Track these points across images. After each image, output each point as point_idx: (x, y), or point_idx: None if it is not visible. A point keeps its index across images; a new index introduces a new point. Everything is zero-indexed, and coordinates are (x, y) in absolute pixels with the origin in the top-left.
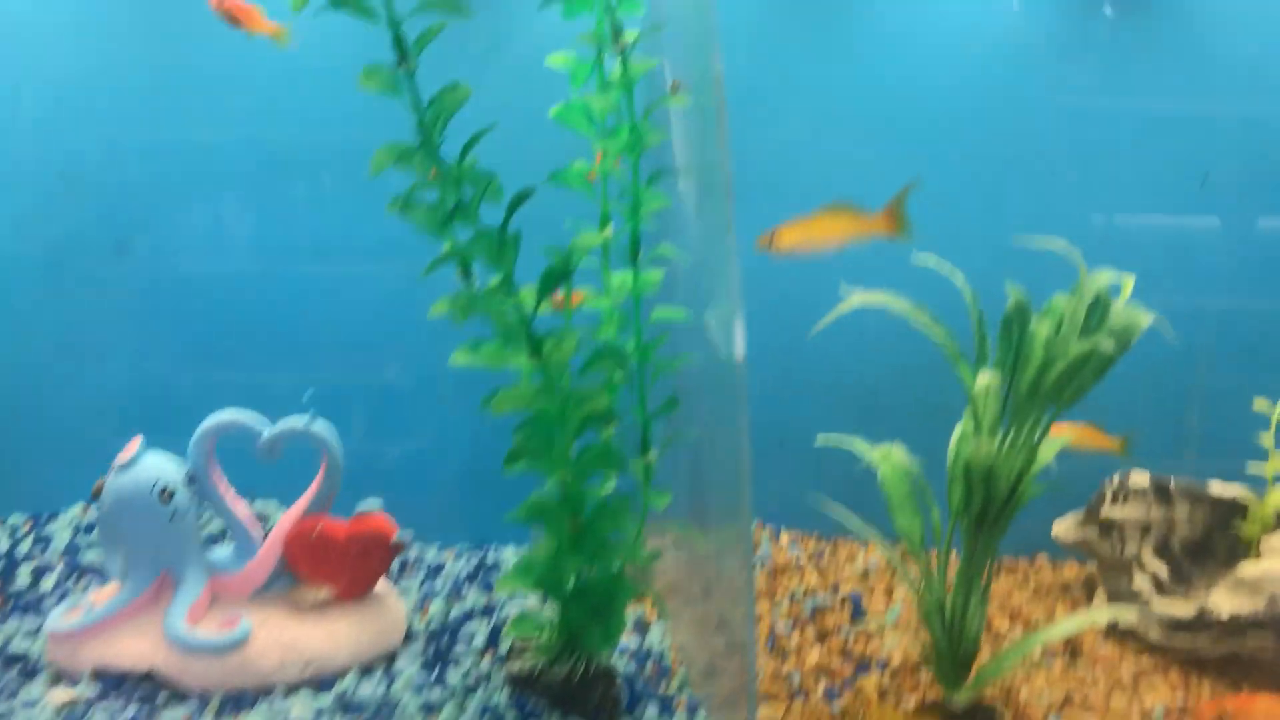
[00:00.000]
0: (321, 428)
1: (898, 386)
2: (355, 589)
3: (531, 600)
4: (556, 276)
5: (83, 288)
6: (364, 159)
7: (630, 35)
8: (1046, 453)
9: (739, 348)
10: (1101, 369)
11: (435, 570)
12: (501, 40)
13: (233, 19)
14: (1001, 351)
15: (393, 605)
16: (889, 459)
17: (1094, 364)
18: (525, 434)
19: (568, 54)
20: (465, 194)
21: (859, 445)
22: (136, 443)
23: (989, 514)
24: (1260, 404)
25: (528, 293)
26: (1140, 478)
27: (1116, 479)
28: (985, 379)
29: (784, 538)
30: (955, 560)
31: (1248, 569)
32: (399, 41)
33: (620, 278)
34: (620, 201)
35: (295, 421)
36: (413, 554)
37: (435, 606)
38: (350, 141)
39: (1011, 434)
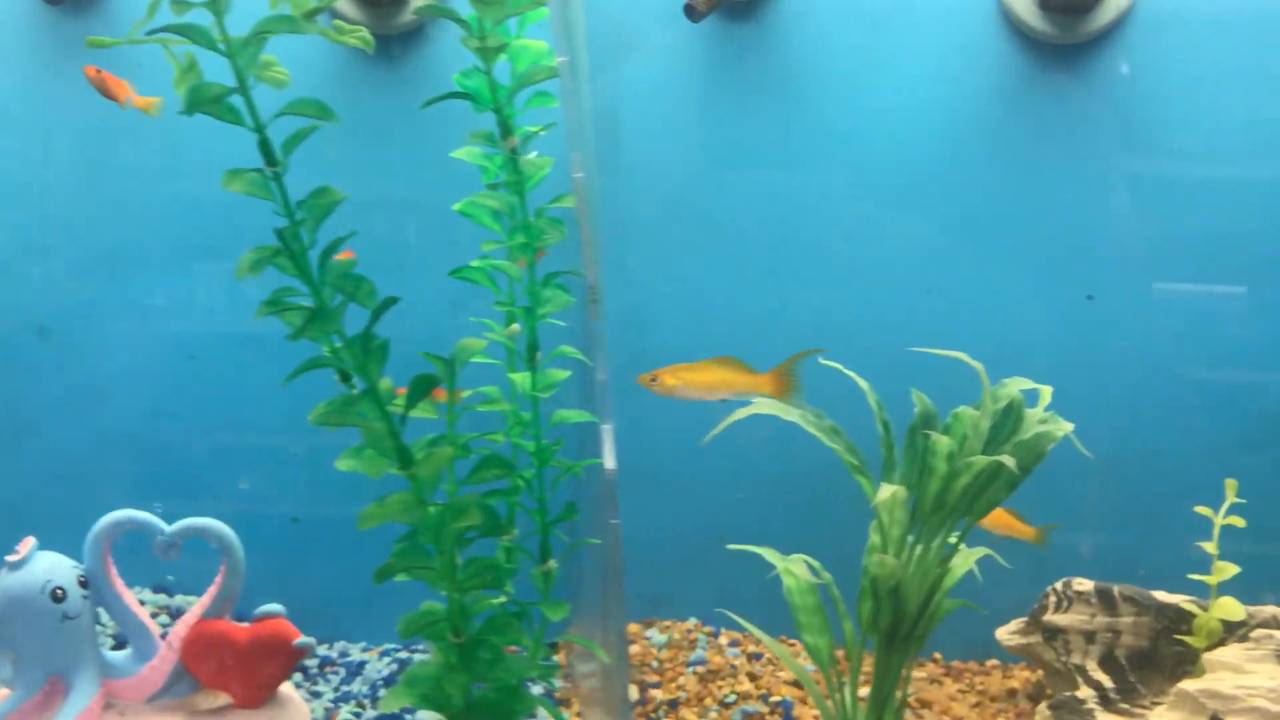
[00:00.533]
0: (221, 529)
1: (843, 483)
2: (255, 695)
3: None
4: (426, 385)
5: (3, 374)
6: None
7: (537, 129)
8: (961, 566)
9: (608, 457)
10: (1014, 482)
11: (356, 670)
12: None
13: (106, 91)
14: (906, 464)
15: (296, 712)
16: (791, 573)
17: (1005, 477)
18: (402, 546)
19: (474, 148)
20: (334, 299)
21: (769, 554)
22: (29, 543)
23: (899, 631)
24: (1203, 509)
25: (399, 402)
26: (1084, 583)
27: (1060, 584)
28: (887, 492)
29: (724, 638)
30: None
31: (1189, 684)
32: (265, 145)
33: (521, 378)
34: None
35: (193, 521)
36: (335, 653)
37: (345, 712)
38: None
39: (919, 549)
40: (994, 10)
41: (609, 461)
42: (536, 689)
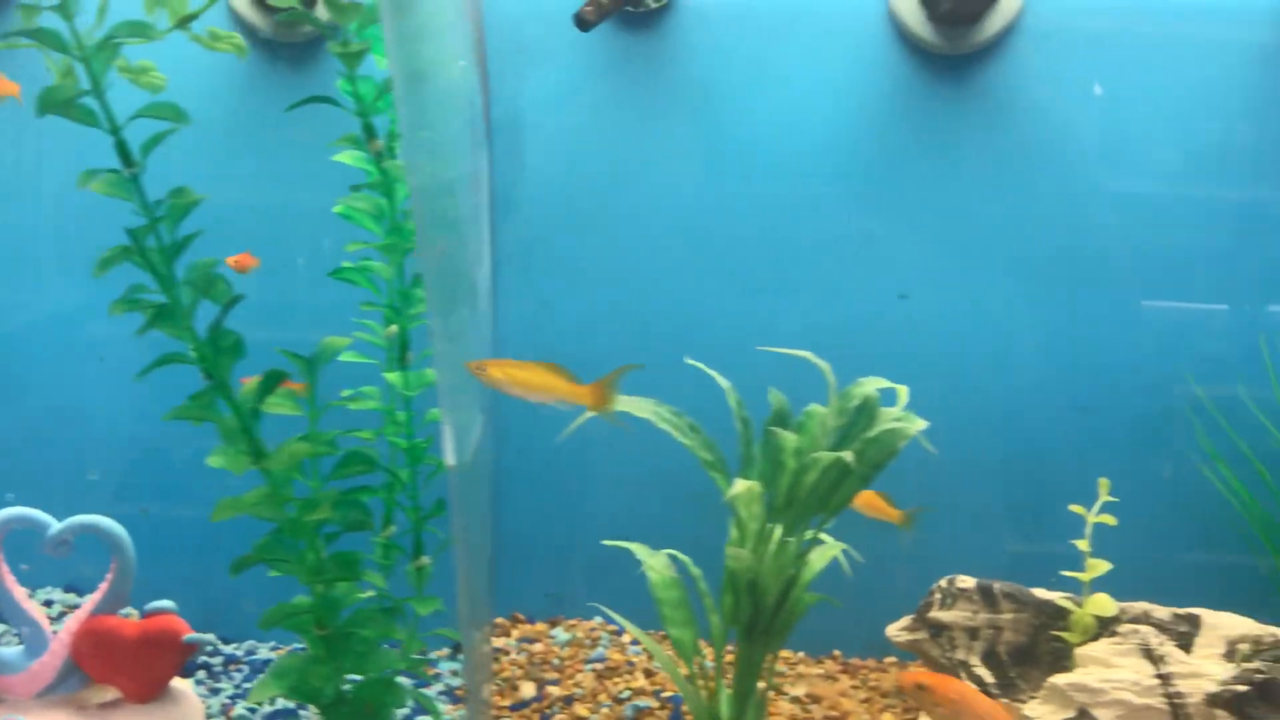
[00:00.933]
0: (112, 526)
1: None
2: (145, 690)
3: None
4: (275, 379)
5: None
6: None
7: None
8: (819, 561)
9: (449, 453)
10: (867, 477)
11: (260, 668)
12: None
13: None
14: (762, 460)
15: (189, 707)
16: (653, 567)
17: (858, 472)
18: (265, 540)
19: (357, 153)
20: (186, 296)
21: (638, 549)
22: None
23: (758, 624)
24: (1076, 508)
25: (249, 396)
26: (966, 580)
27: (945, 581)
28: (740, 487)
29: (626, 636)
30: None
31: (1059, 679)
32: (121, 147)
33: (394, 377)
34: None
35: (84, 518)
36: (242, 651)
37: (240, 708)
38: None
39: (775, 543)
40: (884, 21)
41: (449, 458)
42: (436, 688)
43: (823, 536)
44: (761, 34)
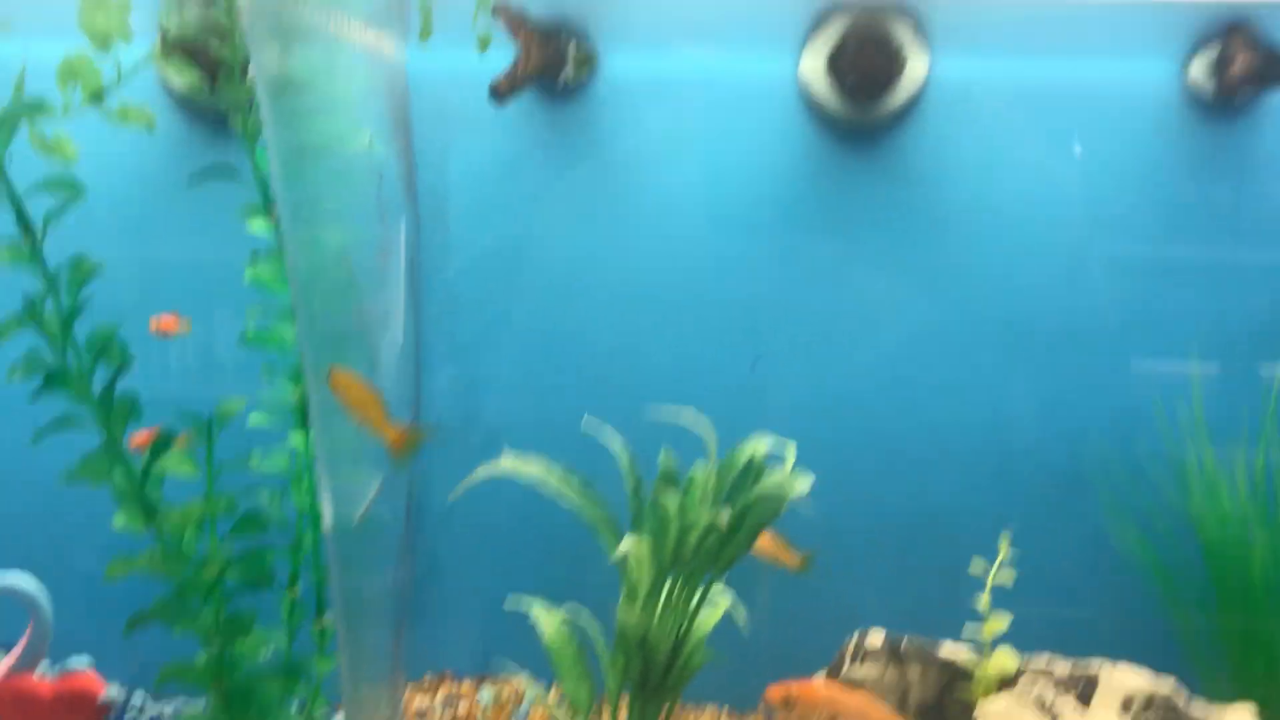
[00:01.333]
0: (28, 585)
1: None
2: None
3: None
4: (166, 441)
5: None
6: None
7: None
8: (710, 618)
9: (326, 515)
10: (753, 535)
11: None
12: None
13: None
14: (650, 519)
15: None
16: (546, 624)
17: (746, 531)
18: (164, 598)
19: (266, 220)
20: (80, 359)
21: (535, 607)
22: None
23: (650, 680)
24: (976, 566)
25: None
26: (876, 637)
27: (855, 637)
28: (626, 545)
29: (552, 695)
30: None
31: None
32: (21, 217)
33: (297, 438)
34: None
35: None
36: (170, 709)
37: None
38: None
39: (663, 601)
40: (795, 92)
41: (326, 520)
42: None
43: (718, 592)
44: (678, 106)
